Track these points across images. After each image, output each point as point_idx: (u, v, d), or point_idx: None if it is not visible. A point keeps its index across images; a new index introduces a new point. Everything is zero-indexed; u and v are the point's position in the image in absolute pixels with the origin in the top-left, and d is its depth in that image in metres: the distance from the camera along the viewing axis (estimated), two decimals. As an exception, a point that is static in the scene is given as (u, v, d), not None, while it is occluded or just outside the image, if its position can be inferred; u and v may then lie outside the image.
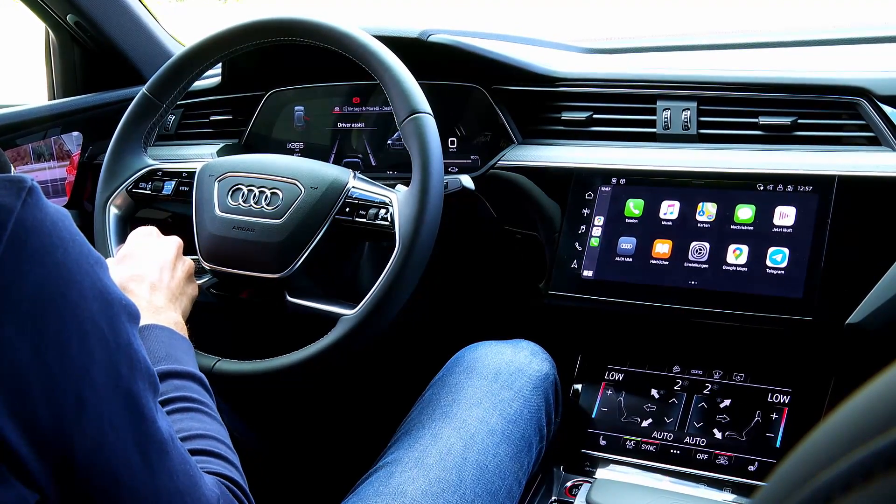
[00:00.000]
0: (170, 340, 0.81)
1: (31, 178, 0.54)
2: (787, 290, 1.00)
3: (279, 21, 1.07)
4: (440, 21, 1.30)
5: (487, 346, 1.07)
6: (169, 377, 0.77)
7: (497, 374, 1.01)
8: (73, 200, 1.57)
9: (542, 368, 1.06)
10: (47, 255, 0.53)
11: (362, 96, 1.33)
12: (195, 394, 0.77)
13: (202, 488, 0.62)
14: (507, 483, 0.93)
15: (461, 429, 0.93)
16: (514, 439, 0.96)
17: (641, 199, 1.11)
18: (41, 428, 0.53)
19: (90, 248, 0.57)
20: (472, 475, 0.89)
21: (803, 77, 1.09)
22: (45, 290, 0.53)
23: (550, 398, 1.05)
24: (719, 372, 1.12)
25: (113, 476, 0.56)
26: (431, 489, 0.86)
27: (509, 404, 0.98)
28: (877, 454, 0.21)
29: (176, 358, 0.79)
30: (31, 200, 0.53)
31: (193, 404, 0.75)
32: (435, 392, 1.01)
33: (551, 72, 1.24)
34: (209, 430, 0.74)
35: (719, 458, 1.06)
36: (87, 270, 0.56)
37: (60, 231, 0.54)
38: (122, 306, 0.58)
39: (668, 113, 1.15)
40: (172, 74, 1.12)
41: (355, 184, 1.04)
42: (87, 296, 0.55)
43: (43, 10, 1.48)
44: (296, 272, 1.03)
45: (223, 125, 1.44)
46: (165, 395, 0.75)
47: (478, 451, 0.92)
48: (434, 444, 0.91)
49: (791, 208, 1.02)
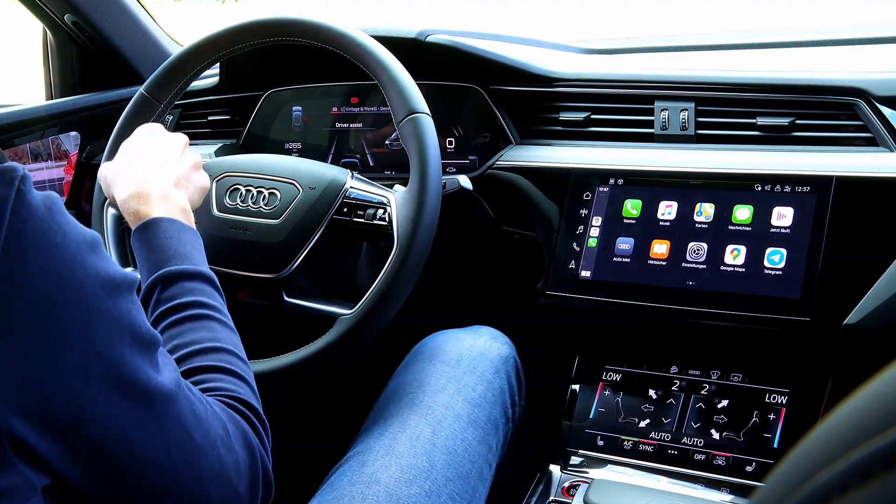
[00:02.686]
0: (178, 235, 0.81)
1: (21, 166, 0.55)
2: (784, 290, 1.00)
3: (277, 21, 1.07)
4: (438, 21, 1.30)
5: (448, 334, 1.10)
6: (179, 279, 0.77)
7: (459, 359, 1.03)
8: (71, 200, 1.56)
9: (502, 351, 1.08)
10: (47, 241, 0.54)
11: (360, 96, 1.33)
12: (206, 297, 0.77)
13: (209, 421, 0.64)
14: (478, 466, 0.95)
15: (428, 415, 0.95)
16: (480, 422, 0.98)
17: (639, 199, 1.11)
18: (51, 409, 0.54)
19: (84, 229, 0.58)
20: (442, 460, 0.91)
21: (801, 78, 1.09)
22: (49, 274, 0.53)
23: (513, 380, 1.07)
24: (717, 372, 1.12)
25: (125, 437, 0.58)
26: (404, 476, 0.87)
27: (473, 388, 1.00)
28: (875, 454, 0.21)
29: (185, 255, 0.80)
30: (24, 188, 0.53)
31: (205, 310, 0.76)
32: (400, 381, 1.03)
33: (549, 72, 1.24)
34: (222, 340, 0.75)
35: (717, 458, 1.06)
36: (86, 250, 0.57)
37: (55, 216, 0.55)
38: (122, 278, 0.59)
39: (665, 113, 1.15)
40: (170, 74, 1.12)
41: (353, 184, 1.04)
42: (90, 274, 0.56)
43: (40, 10, 1.48)
44: (294, 272, 1.03)
45: (221, 125, 1.44)
46: (176, 299, 0.76)
47: (446, 436, 0.94)
48: (403, 432, 0.93)
49: (789, 209, 1.03)
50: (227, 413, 0.67)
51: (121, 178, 0.88)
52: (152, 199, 0.84)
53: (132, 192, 0.85)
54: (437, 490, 0.88)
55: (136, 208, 0.84)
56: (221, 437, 0.64)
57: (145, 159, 0.90)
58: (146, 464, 0.59)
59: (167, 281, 0.77)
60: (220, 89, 1.44)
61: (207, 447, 0.63)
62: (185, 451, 0.61)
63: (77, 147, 1.56)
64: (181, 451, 0.61)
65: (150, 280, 0.78)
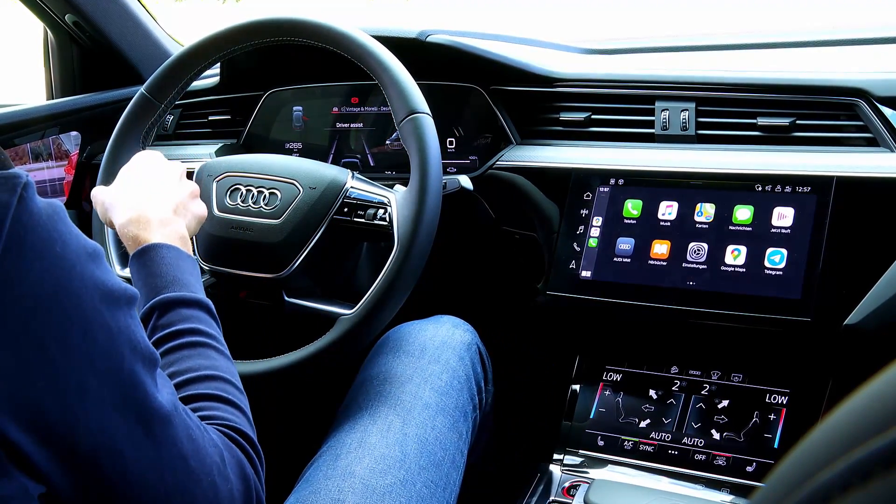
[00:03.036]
0: (177, 262, 0.82)
1: (25, 173, 0.54)
2: (785, 290, 1.00)
3: (278, 21, 1.07)
4: (439, 21, 1.30)
5: (410, 325, 1.11)
6: (177, 305, 0.77)
7: (423, 349, 1.04)
8: (72, 200, 1.56)
9: (465, 338, 1.09)
10: (47, 250, 0.53)
11: (361, 96, 1.33)
12: (203, 325, 0.77)
13: (205, 447, 0.63)
14: (450, 453, 0.96)
15: (397, 406, 0.96)
16: (448, 410, 0.99)
17: (640, 199, 1.11)
18: (45, 418, 0.53)
19: (86, 239, 0.58)
20: (414, 449, 0.92)
21: (802, 78, 1.09)
22: (48, 283, 0.53)
23: (478, 366, 1.08)
24: (717, 372, 1.12)
25: (118, 453, 0.57)
26: (378, 467, 0.88)
27: (439, 377, 1.01)
28: (875, 454, 0.21)
29: (183, 282, 0.80)
30: (26, 195, 0.53)
31: (202, 338, 0.76)
32: (367, 374, 1.03)
33: (550, 72, 1.24)
34: (218, 368, 0.74)
35: (717, 458, 1.06)
36: (86, 261, 0.56)
37: (57, 224, 0.55)
38: (122, 291, 0.59)
39: (666, 113, 1.15)
40: (171, 74, 1.12)
41: (353, 184, 1.04)
42: (88, 285, 0.56)
43: (41, 10, 1.48)
44: (294, 272, 1.03)
45: (221, 125, 1.44)
46: (173, 326, 0.76)
47: (416, 425, 0.95)
48: (374, 424, 0.94)
49: (789, 209, 1.03)
50: (224, 441, 0.67)
51: (120, 203, 0.89)
52: (152, 225, 0.85)
53: (132, 217, 0.86)
54: (411, 479, 0.89)
55: (136, 233, 0.85)
56: (217, 464, 0.64)
57: (145, 185, 0.91)
58: (138, 484, 0.59)
59: (165, 307, 0.78)
60: (220, 89, 1.44)
61: (202, 473, 0.62)
62: (179, 474, 0.61)
63: (78, 147, 1.56)
64: (175, 475, 0.60)
65: (147, 305, 0.78)
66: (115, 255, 1.09)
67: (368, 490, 0.86)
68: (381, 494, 0.86)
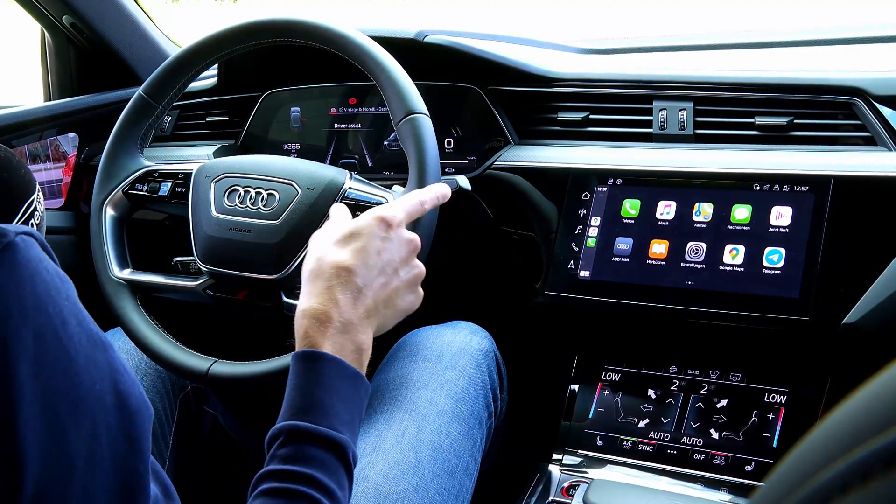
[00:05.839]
0: (332, 381, 0.70)
1: (15, 230, 0.49)
2: (783, 290, 1.00)
3: (275, 22, 1.07)
4: (436, 21, 1.30)
5: (428, 330, 1.10)
6: (306, 440, 0.67)
7: (440, 355, 1.04)
8: (70, 202, 1.56)
9: (482, 345, 1.08)
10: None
11: (359, 97, 1.33)
12: (324, 474, 0.66)
13: None
14: (464, 461, 0.95)
15: (412, 411, 0.96)
16: (464, 417, 0.98)
17: (638, 199, 1.11)
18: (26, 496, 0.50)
19: (93, 329, 0.53)
20: (428, 455, 0.91)
21: (799, 77, 1.09)
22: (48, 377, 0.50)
23: (494, 374, 1.08)
24: (716, 372, 1.12)
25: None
26: (391, 472, 0.88)
27: (455, 383, 1.00)
28: (875, 454, 0.21)
29: (327, 410, 0.69)
30: (5, 258, 0.48)
31: (313, 491, 0.65)
32: (383, 378, 1.03)
33: (547, 72, 1.24)
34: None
35: (716, 458, 1.06)
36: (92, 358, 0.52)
37: (41, 299, 0.49)
38: (139, 403, 0.55)
39: (664, 113, 1.15)
40: (168, 75, 1.12)
41: (352, 184, 1.04)
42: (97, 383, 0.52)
43: (38, 12, 1.48)
44: (293, 273, 1.03)
45: (219, 126, 1.44)
46: (290, 464, 0.66)
47: (431, 431, 0.94)
48: (388, 429, 0.93)
49: (787, 208, 1.03)
50: None
51: (320, 279, 0.76)
52: (330, 330, 0.73)
53: (313, 309, 0.74)
54: (424, 485, 0.89)
55: (306, 330, 0.73)
56: None
57: (352, 271, 0.76)
58: None
59: (292, 437, 0.68)
60: (218, 90, 1.44)
61: None
62: None
63: (75, 148, 1.56)
64: None
65: (277, 427, 0.69)
66: (114, 256, 1.09)
67: (381, 495, 0.85)
68: (393, 500, 0.85)
